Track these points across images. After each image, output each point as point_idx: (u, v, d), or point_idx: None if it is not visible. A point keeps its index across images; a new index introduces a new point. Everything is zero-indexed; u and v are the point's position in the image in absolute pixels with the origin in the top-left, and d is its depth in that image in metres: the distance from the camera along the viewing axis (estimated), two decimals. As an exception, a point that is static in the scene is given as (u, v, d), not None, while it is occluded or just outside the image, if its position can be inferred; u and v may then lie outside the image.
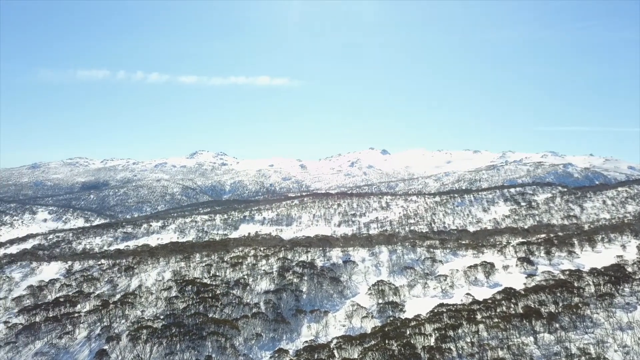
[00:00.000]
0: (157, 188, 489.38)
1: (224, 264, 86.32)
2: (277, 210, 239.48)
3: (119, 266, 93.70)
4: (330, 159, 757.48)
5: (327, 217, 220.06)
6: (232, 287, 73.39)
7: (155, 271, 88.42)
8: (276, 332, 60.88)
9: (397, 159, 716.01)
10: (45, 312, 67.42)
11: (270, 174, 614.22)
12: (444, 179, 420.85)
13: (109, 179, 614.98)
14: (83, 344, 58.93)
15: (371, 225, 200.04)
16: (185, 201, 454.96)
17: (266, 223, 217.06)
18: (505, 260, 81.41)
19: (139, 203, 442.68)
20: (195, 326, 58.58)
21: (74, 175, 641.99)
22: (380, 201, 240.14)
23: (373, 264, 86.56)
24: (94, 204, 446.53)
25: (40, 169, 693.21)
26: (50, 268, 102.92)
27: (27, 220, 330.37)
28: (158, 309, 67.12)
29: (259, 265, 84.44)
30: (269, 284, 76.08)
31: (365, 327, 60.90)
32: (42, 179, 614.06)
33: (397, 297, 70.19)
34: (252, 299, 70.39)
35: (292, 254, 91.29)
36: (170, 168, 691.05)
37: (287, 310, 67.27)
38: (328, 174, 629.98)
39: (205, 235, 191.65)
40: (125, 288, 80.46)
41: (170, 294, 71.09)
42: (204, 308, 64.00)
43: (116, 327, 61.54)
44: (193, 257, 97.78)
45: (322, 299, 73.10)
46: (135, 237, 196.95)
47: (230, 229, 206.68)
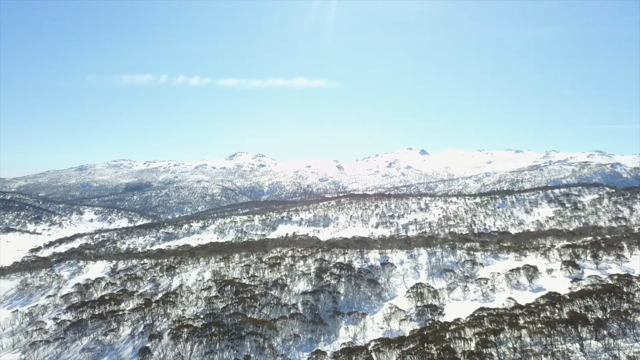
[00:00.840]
0: (197, 189, 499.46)
1: (262, 265, 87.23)
2: (314, 211, 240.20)
3: (161, 266, 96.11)
4: (368, 160, 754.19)
5: (365, 218, 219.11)
6: (270, 287, 74.05)
7: (196, 271, 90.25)
8: (314, 334, 60.95)
9: (436, 160, 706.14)
10: (91, 309, 69.81)
11: (307, 175, 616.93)
12: (485, 180, 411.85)
13: (151, 180, 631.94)
14: (127, 341, 60.69)
15: (409, 226, 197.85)
16: (224, 202, 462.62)
17: (303, 224, 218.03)
18: (549, 263, 78.89)
19: (180, 204, 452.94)
20: (234, 326, 59.39)
21: (118, 177, 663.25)
22: (419, 202, 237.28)
23: (411, 266, 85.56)
24: (137, 205, 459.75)
25: (87, 171, 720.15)
26: (96, 267, 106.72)
27: (75, 220, 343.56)
28: (198, 308, 68.42)
29: (296, 266, 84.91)
30: (307, 285, 76.33)
31: (403, 330, 60.21)
32: (89, 181, 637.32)
33: (436, 300, 69.10)
34: (290, 300, 70.79)
35: (330, 255, 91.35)
36: (210, 169, 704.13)
37: (324, 312, 67.30)
38: (365, 174, 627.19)
39: (244, 236, 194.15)
40: (166, 287, 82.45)
41: (210, 294, 72.36)
42: (243, 308, 64.80)
43: (158, 326, 63.09)
44: (232, 257, 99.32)
45: (360, 301, 72.76)
46: (176, 237, 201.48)
47: (268, 230, 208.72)
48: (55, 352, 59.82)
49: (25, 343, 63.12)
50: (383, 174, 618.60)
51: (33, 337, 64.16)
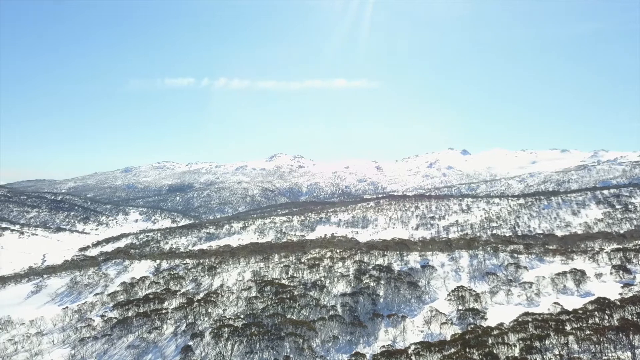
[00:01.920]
0: (237, 190, 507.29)
1: (301, 266, 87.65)
2: (352, 212, 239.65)
3: (203, 266, 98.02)
4: (408, 160, 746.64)
5: (404, 219, 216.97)
6: (309, 288, 74.31)
7: (236, 271, 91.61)
8: (353, 336, 60.71)
9: (477, 160, 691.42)
10: (136, 307, 71.89)
11: (345, 176, 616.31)
12: (529, 180, 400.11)
13: (193, 181, 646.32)
14: (170, 339, 62.16)
15: (451, 228, 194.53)
16: (264, 202, 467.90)
17: (342, 225, 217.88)
18: (597, 267, 75.86)
19: (221, 204, 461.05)
20: (274, 326, 59.89)
21: (162, 178, 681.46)
22: (461, 203, 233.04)
23: (453, 269, 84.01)
24: (180, 205, 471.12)
25: (132, 173, 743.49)
26: (141, 266, 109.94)
27: (121, 220, 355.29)
28: (239, 308, 69.40)
29: (335, 268, 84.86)
30: (346, 286, 76.15)
31: (444, 334, 59.17)
32: (134, 182, 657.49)
33: (478, 303, 67.56)
34: (328, 301, 70.81)
35: (369, 257, 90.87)
36: (250, 171, 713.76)
37: (363, 314, 66.96)
38: (405, 175, 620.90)
39: (283, 236, 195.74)
40: (208, 287, 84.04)
41: (250, 294, 73.26)
42: (282, 309, 65.24)
43: (200, 325, 64.36)
44: (272, 257, 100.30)
45: (400, 304, 71.99)
46: (217, 238, 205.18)
47: (307, 230, 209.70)
48: (102, 349, 61.89)
49: (75, 339, 65.57)
50: (423, 175, 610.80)
51: (82, 334, 66.60)
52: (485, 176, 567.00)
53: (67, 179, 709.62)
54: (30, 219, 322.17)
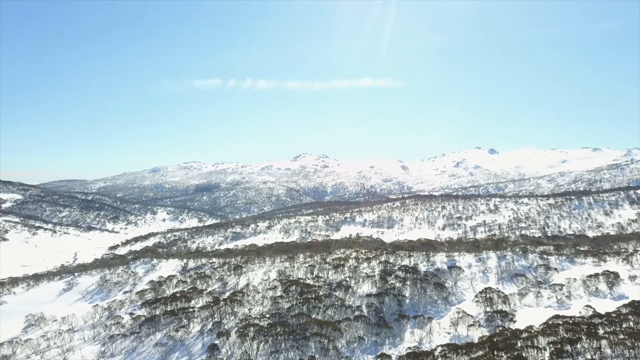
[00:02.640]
0: (263, 190, 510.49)
1: (326, 266, 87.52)
2: (378, 212, 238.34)
3: (229, 265, 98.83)
4: (434, 160, 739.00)
5: (431, 220, 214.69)
6: (334, 288, 74.13)
7: (262, 270, 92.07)
8: (378, 336, 60.28)
9: (505, 159, 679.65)
10: (164, 306, 72.94)
11: (370, 176, 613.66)
12: (559, 180, 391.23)
13: (219, 181, 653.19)
14: (197, 337, 62.82)
15: (478, 228, 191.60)
16: (289, 202, 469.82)
17: (367, 225, 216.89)
18: (632, 270, 73.60)
19: (247, 204, 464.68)
20: (299, 326, 59.92)
21: (189, 178, 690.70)
22: (488, 203, 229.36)
23: (480, 270, 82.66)
24: (207, 205, 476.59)
25: (160, 173, 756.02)
26: (169, 265, 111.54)
27: (149, 219, 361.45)
28: (264, 308, 69.69)
29: (360, 268, 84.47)
30: (371, 287, 75.69)
31: (471, 336, 58.23)
32: (161, 182, 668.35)
33: (507, 305, 66.29)
34: (354, 302, 70.51)
35: (394, 257, 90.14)
36: (275, 171, 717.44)
37: (389, 315, 66.41)
38: (431, 175, 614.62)
39: (308, 236, 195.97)
40: (234, 286, 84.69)
41: (275, 294, 73.50)
42: (308, 309, 65.24)
43: (226, 324, 64.87)
44: (297, 257, 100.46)
45: (426, 305, 71.17)
46: (243, 237, 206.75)
47: (331, 230, 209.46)
48: (131, 346, 62.97)
49: (105, 336, 66.95)
50: (450, 174, 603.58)
51: (111, 331, 67.94)
52: (513, 176, 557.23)
53: (98, 179, 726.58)
54: (62, 218, 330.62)
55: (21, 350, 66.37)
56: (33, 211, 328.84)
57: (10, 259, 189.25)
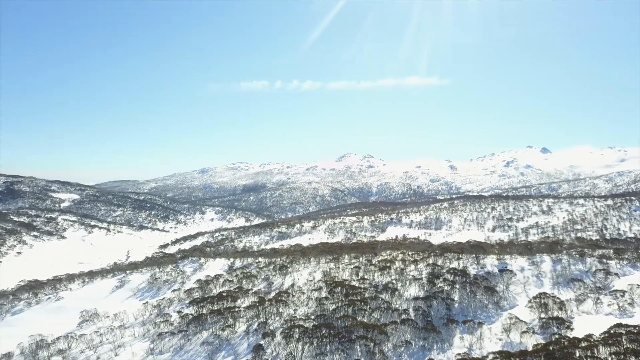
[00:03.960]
0: (308, 190, 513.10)
1: (372, 267, 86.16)
2: (425, 213, 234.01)
3: (274, 265, 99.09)
4: (483, 159, 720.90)
5: (480, 221, 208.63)
6: (380, 291, 72.72)
7: (307, 271, 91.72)
8: (426, 341, 58.45)
9: (559, 158, 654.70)
10: (210, 305, 73.70)
11: (417, 176, 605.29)
12: (617, 180, 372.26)
13: (266, 181, 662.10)
14: (242, 337, 62.99)
15: (530, 230, 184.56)
16: (334, 202, 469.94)
17: (414, 226, 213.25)
18: (703, 276, 68.31)
19: (292, 204, 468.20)
20: (344, 328, 58.94)
21: (236, 179, 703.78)
22: (541, 204, 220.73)
23: (533, 274, 79.03)
24: (253, 205, 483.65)
25: (208, 173, 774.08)
26: (216, 264, 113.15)
27: (198, 219, 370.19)
28: (309, 309, 69.15)
29: (407, 270, 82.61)
30: (418, 290, 73.77)
31: (525, 344, 55.50)
32: (210, 182, 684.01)
33: (563, 312, 62.87)
34: (400, 305, 68.82)
35: (442, 260, 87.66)
36: (320, 171, 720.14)
37: (437, 319, 64.37)
38: (480, 175, 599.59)
39: (353, 237, 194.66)
40: (279, 286, 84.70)
41: (320, 295, 72.84)
42: (353, 311, 64.17)
43: (271, 324, 64.73)
44: (342, 258, 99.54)
45: (476, 309, 68.58)
46: (289, 237, 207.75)
47: (377, 231, 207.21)
48: (178, 344, 63.84)
49: (154, 333, 68.22)
50: (500, 174, 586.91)
51: (160, 328, 69.19)
52: (567, 175, 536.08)
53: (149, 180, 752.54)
54: (116, 217, 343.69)
55: (76, 345, 68.71)
56: (89, 210, 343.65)
57: (68, 256, 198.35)
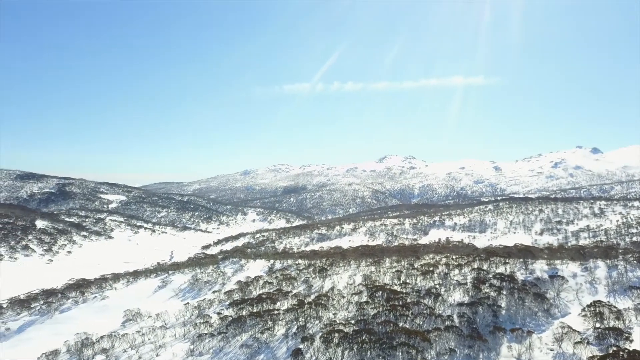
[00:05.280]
0: (348, 192, 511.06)
1: (414, 271, 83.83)
2: (469, 215, 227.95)
3: (314, 267, 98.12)
4: (529, 160, 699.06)
5: (527, 224, 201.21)
6: (422, 296, 70.41)
7: (347, 274, 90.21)
8: (472, 349, 55.86)
9: (611, 159, 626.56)
10: (250, 307, 73.33)
11: (460, 177, 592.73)
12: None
13: (306, 183, 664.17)
14: (281, 340, 62.12)
15: (581, 234, 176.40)
16: (374, 204, 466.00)
17: (457, 229, 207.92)
18: None
19: (332, 206, 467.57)
20: (385, 334, 57.11)
21: (277, 180, 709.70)
22: (592, 207, 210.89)
23: (587, 280, 74.67)
24: (294, 206, 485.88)
25: (250, 175, 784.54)
26: (256, 265, 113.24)
27: (240, 220, 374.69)
28: (349, 313, 67.66)
29: (451, 275, 79.85)
30: (463, 295, 70.98)
31: (579, 355, 52.13)
32: (252, 184, 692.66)
33: (620, 322, 58.80)
34: (444, 311, 66.34)
35: (488, 264, 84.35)
36: (360, 172, 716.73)
37: (483, 326, 61.56)
38: (526, 176, 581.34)
39: (394, 239, 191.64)
40: (319, 289, 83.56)
41: (360, 299, 71.26)
42: (394, 316, 62.23)
43: (310, 328, 63.59)
44: (383, 261, 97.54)
45: (524, 317, 65.23)
46: (328, 239, 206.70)
47: (419, 234, 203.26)
48: (218, 346, 63.63)
49: (194, 334, 68.37)
50: (547, 176, 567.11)
51: (200, 330, 69.32)
52: (620, 177, 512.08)
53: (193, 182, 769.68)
54: (160, 218, 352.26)
55: (119, 344, 69.72)
56: (135, 211, 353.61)
57: (115, 255, 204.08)
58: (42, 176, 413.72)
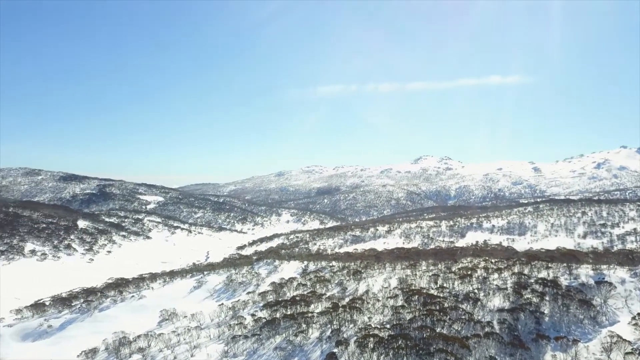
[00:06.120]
0: (382, 193, 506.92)
1: (451, 275, 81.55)
2: (507, 217, 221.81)
3: (348, 269, 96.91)
4: (570, 161, 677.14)
5: (569, 226, 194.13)
6: (460, 301, 68.25)
7: (382, 277, 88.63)
8: (513, 357, 53.60)
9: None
10: (284, 309, 72.75)
11: (498, 178, 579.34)
12: None
13: (339, 184, 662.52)
14: (315, 344, 61.21)
15: (627, 237, 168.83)
16: (409, 206, 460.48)
17: (495, 231, 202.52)
18: None
19: (366, 207, 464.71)
20: (422, 340, 55.45)
21: (311, 182, 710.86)
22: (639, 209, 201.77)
23: (637, 287, 70.78)
24: (327, 208, 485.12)
25: (284, 176, 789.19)
26: (290, 266, 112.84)
27: (274, 221, 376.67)
28: (384, 317, 66.20)
29: (490, 279, 77.21)
30: (503, 301, 68.43)
31: (630, 367, 49.18)
32: (286, 185, 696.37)
33: (675, 332, 55.37)
34: (483, 317, 64.06)
35: (529, 268, 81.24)
36: (395, 174, 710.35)
37: (525, 334, 59.07)
38: (567, 177, 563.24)
39: (430, 242, 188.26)
40: (353, 292, 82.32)
41: (396, 303, 69.68)
42: (431, 321, 60.44)
43: (345, 331, 62.47)
44: (419, 264, 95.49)
45: (569, 325, 62.27)
46: (363, 241, 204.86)
47: (456, 236, 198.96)
48: (252, 348, 63.28)
49: (228, 335, 68.30)
50: (590, 177, 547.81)
51: (234, 331, 69.21)
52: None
53: (228, 183, 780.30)
54: (197, 218, 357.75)
55: (155, 344, 70.36)
56: (172, 212, 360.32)
57: (153, 255, 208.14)
58: (84, 177, 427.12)
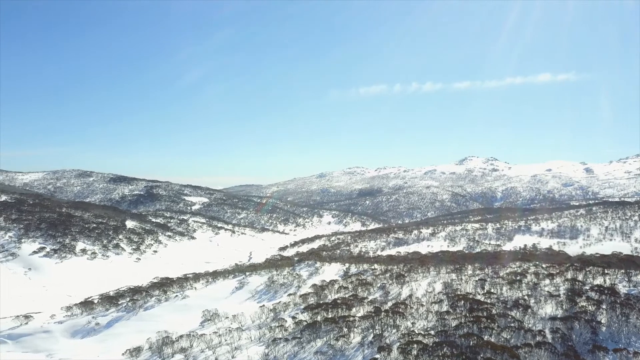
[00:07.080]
0: (426, 195, 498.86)
1: (499, 280, 78.35)
2: (557, 220, 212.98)
3: (391, 273, 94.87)
4: (625, 161, 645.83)
5: (625, 230, 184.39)
6: (509, 307, 65.17)
7: (426, 281, 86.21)
8: (567, 370, 50.41)
9: None
10: (325, 312, 71.62)
11: (547, 180, 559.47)
12: None
13: (382, 186, 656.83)
14: (357, 349, 59.74)
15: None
16: (454, 208, 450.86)
17: (545, 235, 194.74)
18: None
19: (409, 209, 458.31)
20: (468, 348, 53.04)
21: (352, 183, 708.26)
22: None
23: None
24: (369, 209, 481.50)
25: (326, 178, 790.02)
26: (331, 269, 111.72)
27: (315, 222, 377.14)
28: (428, 323, 64.02)
29: (541, 285, 73.57)
30: (555, 308, 64.88)
31: (699, 384, 45.23)
32: (327, 187, 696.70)
33: None
34: (534, 325, 60.82)
35: (583, 275, 76.93)
36: (439, 175, 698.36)
37: (580, 344, 55.56)
38: (622, 178, 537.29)
39: (476, 245, 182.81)
40: (396, 296, 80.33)
41: (441, 308, 67.32)
42: (478, 329, 57.81)
43: (387, 337, 60.69)
44: (464, 268, 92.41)
45: (629, 336, 58.24)
46: (406, 243, 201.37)
47: (503, 240, 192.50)
48: (292, 351, 62.43)
49: (269, 338, 67.75)
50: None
51: (275, 333, 68.58)
52: None
53: (271, 184, 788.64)
54: (240, 219, 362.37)
55: (197, 344, 70.71)
56: (216, 213, 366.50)
57: (197, 255, 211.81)
58: (132, 179, 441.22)
